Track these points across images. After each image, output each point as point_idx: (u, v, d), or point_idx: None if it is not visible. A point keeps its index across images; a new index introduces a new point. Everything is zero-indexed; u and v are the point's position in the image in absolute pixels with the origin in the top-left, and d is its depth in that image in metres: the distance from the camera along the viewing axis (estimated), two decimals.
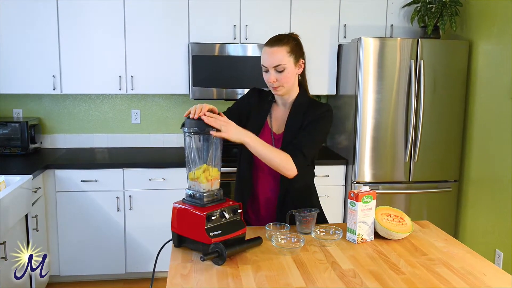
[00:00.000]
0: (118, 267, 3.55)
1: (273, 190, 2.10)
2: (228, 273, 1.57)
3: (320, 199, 2.23)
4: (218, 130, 1.72)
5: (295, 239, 1.79)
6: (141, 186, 3.45)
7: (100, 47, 3.60)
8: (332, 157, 3.78)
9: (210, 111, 1.75)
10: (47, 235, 3.41)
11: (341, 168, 3.64)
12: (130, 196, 3.45)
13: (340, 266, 1.65)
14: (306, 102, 2.07)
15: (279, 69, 1.94)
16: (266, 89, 2.15)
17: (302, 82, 2.10)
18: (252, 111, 2.14)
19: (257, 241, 1.78)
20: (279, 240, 1.79)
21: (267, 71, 1.97)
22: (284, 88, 1.99)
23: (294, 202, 2.03)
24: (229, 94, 3.68)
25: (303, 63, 2.03)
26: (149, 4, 3.58)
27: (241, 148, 2.12)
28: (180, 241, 1.78)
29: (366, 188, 1.91)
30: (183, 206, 1.75)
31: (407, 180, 3.57)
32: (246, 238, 1.78)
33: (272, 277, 1.55)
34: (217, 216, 1.71)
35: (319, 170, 3.52)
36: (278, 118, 2.10)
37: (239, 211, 1.78)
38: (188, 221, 1.73)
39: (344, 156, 3.71)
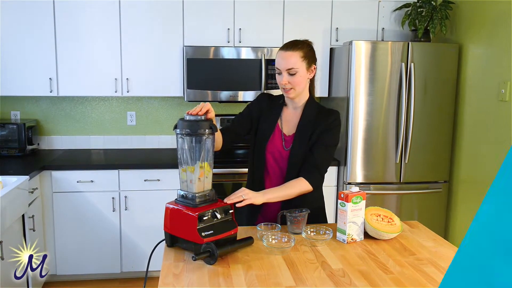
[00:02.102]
0: (113, 267, 3.59)
1: None
2: (220, 273, 1.61)
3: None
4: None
5: (286, 239, 1.83)
6: (136, 187, 3.49)
7: (96, 50, 3.64)
8: None
9: (207, 112, 1.82)
10: (44, 235, 3.45)
11: (333, 169, 3.69)
12: (125, 197, 3.49)
13: (330, 265, 1.69)
14: (315, 107, 2.17)
15: (291, 72, 2.03)
16: (275, 93, 2.26)
17: (310, 87, 2.19)
18: (263, 114, 2.22)
19: (248, 241, 1.82)
20: (270, 240, 1.83)
21: (280, 73, 2.06)
22: (295, 91, 2.08)
23: (298, 203, 2.08)
24: (223, 97, 3.72)
25: (315, 68, 2.13)
26: (144, 7, 3.62)
27: (253, 151, 2.19)
28: (172, 241, 1.83)
29: (356, 189, 1.95)
30: (175, 207, 1.79)
31: (398, 181, 3.63)
32: (238, 238, 1.82)
33: (263, 276, 1.59)
34: (209, 216, 1.75)
35: None
36: (288, 121, 2.18)
37: (230, 211, 1.83)
38: (180, 221, 1.77)
39: (337, 157, 3.76)
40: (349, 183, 3.58)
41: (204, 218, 1.73)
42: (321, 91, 3.90)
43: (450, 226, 3.78)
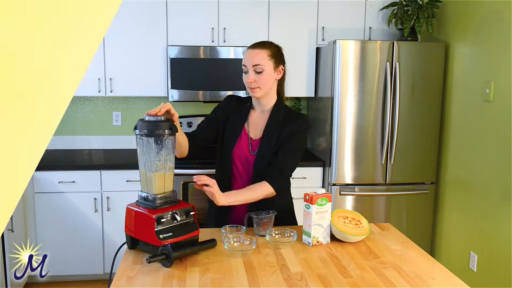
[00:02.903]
0: (96, 267, 3.57)
1: None
2: (175, 275, 1.59)
3: (297, 200, 2.24)
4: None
5: (248, 242, 1.80)
6: (119, 187, 3.47)
7: None
8: (309, 159, 3.79)
9: (168, 111, 1.79)
10: (26, 236, 3.43)
11: (318, 170, 3.65)
12: (107, 197, 3.47)
13: (289, 269, 1.65)
14: (283, 110, 2.13)
15: (258, 70, 2.01)
16: (243, 96, 2.21)
17: (279, 90, 2.16)
18: (229, 117, 2.18)
19: (210, 243, 1.79)
20: (232, 243, 1.80)
21: (246, 72, 2.04)
22: (262, 91, 2.05)
23: (265, 204, 2.06)
24: (207, 97, 3.69)
25: (282, 69, 2.09)
26: (128, 7, 3.60)
27: (220, 155, 2.17)
28: (133, 243, 1.80)
29: (322, 190, 1.92)
30: (135, 208, 1.77)
31: (384, 183, 3.58)
32: (202, 240, 1.79)
33: (218, 279, 1.56)
34: (168, 218, 1.72)
35: (295, 171, 3.53)
36: (255, 124, 2.14)
37: (191, 213, 1.80)
38: (139, 223, 1.75)
39: (322, 158, 3.71)
40: (334, 184, 3.53)
41: (163, 220, 1.70)
42: (307, 91, 3.86)
43: (437, 228, 3.72)
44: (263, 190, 1.99)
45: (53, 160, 3.65)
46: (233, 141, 2.12)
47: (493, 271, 3.07)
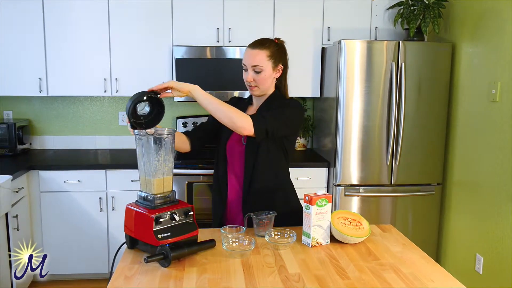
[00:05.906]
0: (101, 267, 3.59)
1: (240, 192, 2.16)
2: (172, 275, 1.59)
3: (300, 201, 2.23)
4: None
5: (247, 242, 1.80)
6: (124, 187, 3.49)
7: (85, 50, 3.64)
8: (314, 159, 3.78)
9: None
10: (31, 235, 3.46)
11: (323, 171, 3.64)
12: (112, 197, 3.49)
13: (287, 270, 1.65)
14: (276, 99, 2.16)
15: (256, 70, 2.05)
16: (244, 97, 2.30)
17: (280, 86, 2.18)
18: None
19: (209, 243, 1.79)
20: (231, 243, 1.80)
21: (246, 70, 2.08)
22: (260, 89, 2.10)
23: (259, 203, 2.08)
24: None
25: (281, 68, 2.12)
26: (133, 7, 3.62)
27: (217, 148, 2.20)
28: (132, 243, 1.81)
29: (322, 191, 1.90)
30: (134, 208, 1.78)
31: (390, 184, 3.55)
32: (202, 240, 1.79)
33: (215, 280, 1.56)
34: (167, 218, 1.73)
35: (300, 172, 3.54)
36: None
37: (190, 213, 1.80)
38: (138, 223, 1.76)
39: (326, 158, 3.70)
40: (339, 185, 3.52)
41: (161, 220, 1.71)
42: (312, 91, 3.85)
43: (443, 230, 3.69)
44: (239, 112, 1.92)
45: (59, 160, 3.68)
46: (228, 133, 2.14)
47: (499, 273, 3.04)
